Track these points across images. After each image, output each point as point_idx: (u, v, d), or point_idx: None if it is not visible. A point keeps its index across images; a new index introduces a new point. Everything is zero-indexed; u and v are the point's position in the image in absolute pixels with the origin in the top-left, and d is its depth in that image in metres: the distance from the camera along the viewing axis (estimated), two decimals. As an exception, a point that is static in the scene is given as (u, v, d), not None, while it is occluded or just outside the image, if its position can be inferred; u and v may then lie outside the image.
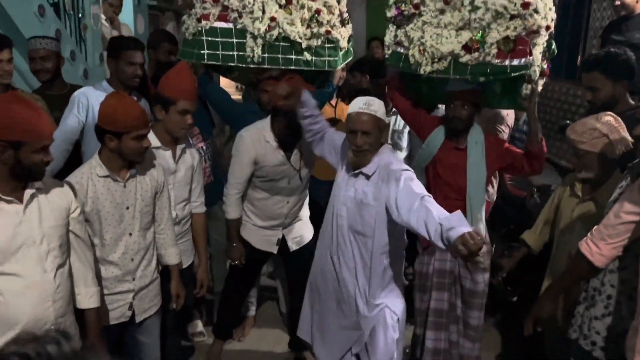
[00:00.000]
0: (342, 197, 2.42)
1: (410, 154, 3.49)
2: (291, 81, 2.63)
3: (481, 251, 1.84)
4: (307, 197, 3.03)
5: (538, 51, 2.39)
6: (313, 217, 3.12)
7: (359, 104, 2.32)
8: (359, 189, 2.35)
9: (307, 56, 2.82)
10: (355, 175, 2.39)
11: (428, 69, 2.50)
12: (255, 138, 2.72)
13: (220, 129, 4.50)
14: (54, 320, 1.83)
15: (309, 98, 2.58)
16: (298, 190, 2.89)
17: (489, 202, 3.32)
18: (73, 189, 2.00)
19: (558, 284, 2.10)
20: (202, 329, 3.39)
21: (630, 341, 1.72)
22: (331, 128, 2.65)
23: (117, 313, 2.23)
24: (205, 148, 3.12)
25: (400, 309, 2.46)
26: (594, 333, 2.02)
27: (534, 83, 2.49)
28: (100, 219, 2.12)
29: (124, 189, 2.15)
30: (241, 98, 4.50)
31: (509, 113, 3.36)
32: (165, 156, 2.45)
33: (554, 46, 2.56)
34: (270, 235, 2.95)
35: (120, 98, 2.12)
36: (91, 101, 2.71)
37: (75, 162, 2.48)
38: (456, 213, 1.96)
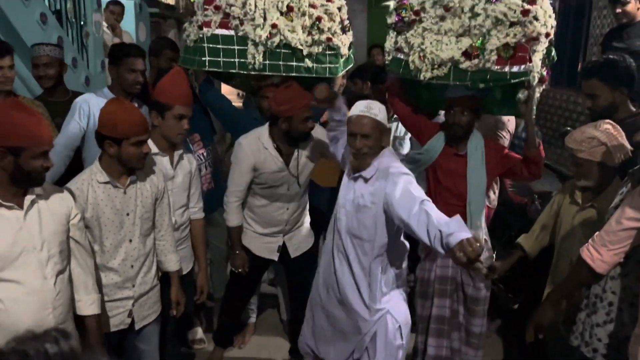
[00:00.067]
0: (342, 201, 2.43)
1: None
2: (289, 88, 2.64)
3: (482, 257, 1.84)
4: (308, 204, 3.03)
5: (538, 58, 2.40)
6: (314, 224, 3.12)
7: (360, 108, 2.33)
8: (358, 192, 2.35)
9: (308, 63, 2.83)
10: (355, 178, 2.39)
11: (428, 75, 2.51)
12: (253, 145, 2.72)
13: (221, 136, 4.51)
14: (54, 327, 1.82)
15: (342, 105, 2.66)
16: (298, 196, 2.88)
17: (491, 208, 3.32)
18: (73, 195, 2.00)
19: (559, 291, 2.09)
20: (203, 336, 3.38)
21: (632, 348, 1.72)
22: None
23: (117, 320, 2.22)
24: (206, 155, 3.13)
25: (402, 316, 2.44)
26: (596, 340, 2.01)
27: (532, 89, 2.49)
28: (100, 226, 2.11)
29: (124, 195, 2.15)
30: (242, 105, 4.51)
31: (510, 119, 3.36)
32: (162, 162, 2.45)
33: (554, 53, 2.57)
34: (271, 242, 2.95)
35: (119, 104, 2.12)
36: (92, 108, 2.72)
37: (76, 169, 2.48)
38: (456, 218, 1.94)
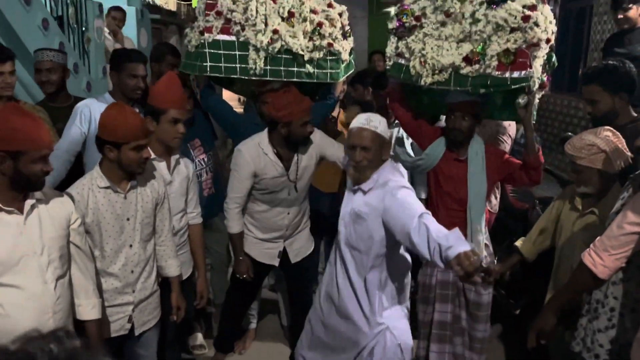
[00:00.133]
0: (342, 213, 2.43)
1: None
2: (288, 93, 2.64)
3: (484, 263, 1.84)
4: (308, 209, 3.03)
5: (538, 64, 2.40)
6: (315, 229, 3.12)
7: (360, 120, 2.33)
8: (356, 205, 2.34)
9: (309, 68, 2.84)
10: (354, 191, 2.38)
11: (429, 81, 2.51)
12: (253, 152, 2.72)
13: (222, 141, 4.51)
14: (59, 327, 1.82)
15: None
16: (298, 201, 2.88)
17: (492, 213, 3.31)
18: (73, 200, 2.00)
19: (561, 296, 2.08)
20: (203, 342, 3.36)
21: (634, 354, 1.71)
22: None
23: (117, 325, 2.22)
24: (207, 160, 3.13)
25: (402, 333, 2.39)
26: (598, 346, 2.00)
27: (531, 94, 2.50)
28: (100, 231, 2.11)
29: (125, 200, 2.15)
30: (243, 111, 4.52)
31: (511, 124, 3.36)
32: (159, 167, 2.44)
33: (554, 59, 2.57)
34: (271, 247, 2.94)
35: (119, 109, 2.12)
36: (93, 113, 2.73)
37: (77, 173, 2.48)
38: (454, 231, 1.94)
